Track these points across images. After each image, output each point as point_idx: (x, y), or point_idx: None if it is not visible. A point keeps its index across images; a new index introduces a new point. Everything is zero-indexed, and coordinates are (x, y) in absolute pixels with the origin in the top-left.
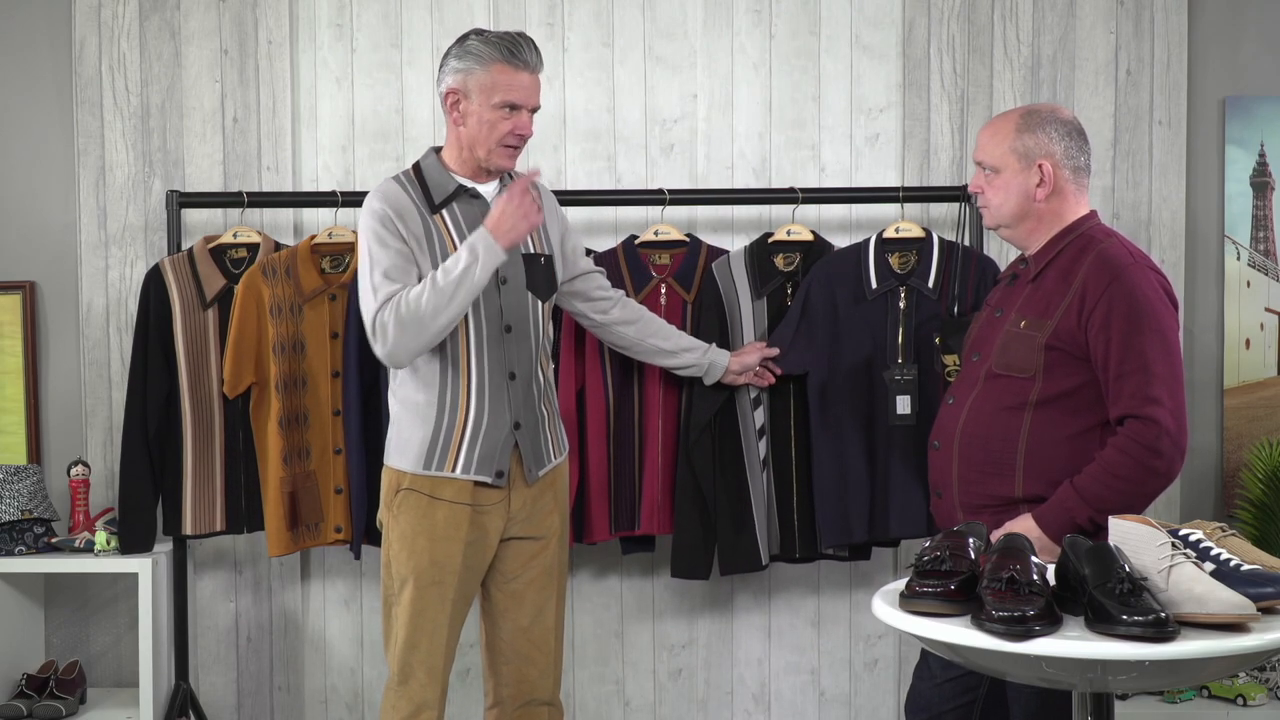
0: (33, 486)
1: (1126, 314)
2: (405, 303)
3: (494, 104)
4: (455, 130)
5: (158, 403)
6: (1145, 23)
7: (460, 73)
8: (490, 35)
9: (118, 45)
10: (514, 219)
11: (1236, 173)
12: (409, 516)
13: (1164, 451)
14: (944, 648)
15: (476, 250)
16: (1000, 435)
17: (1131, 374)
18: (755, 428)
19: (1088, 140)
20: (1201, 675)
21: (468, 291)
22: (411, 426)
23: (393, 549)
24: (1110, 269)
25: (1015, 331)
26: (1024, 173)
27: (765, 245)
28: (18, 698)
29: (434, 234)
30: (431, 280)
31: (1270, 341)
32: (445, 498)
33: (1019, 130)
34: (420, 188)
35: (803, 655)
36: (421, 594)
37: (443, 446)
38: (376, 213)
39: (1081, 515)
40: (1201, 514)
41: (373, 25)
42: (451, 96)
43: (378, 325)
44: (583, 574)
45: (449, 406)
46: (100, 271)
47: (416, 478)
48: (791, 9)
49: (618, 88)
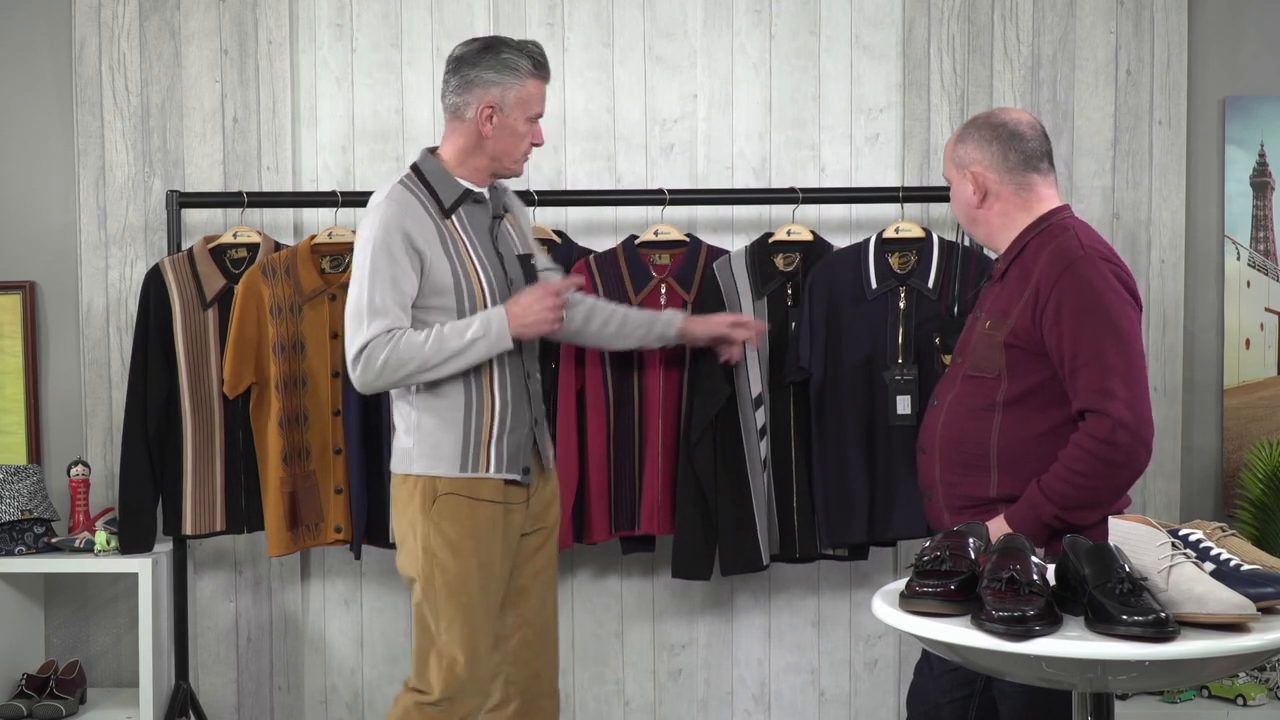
0: (33, 486)
1: (1077, 306)
2: (402, 346)
3: (528, 117)
4: (477, 139)
5: (158, 403)
6: (1145, 23)
7: (499, 86)
8: (520, 47)
9: (118, 45)
10: (537, 317)
11: (1236, 173)
12: (453, 521)
13: (1121, 444)
14: (944, 648)
15: (489, 330)
16: (973, 437)
17: (1085, 367)
18: (757, 428)
19: (1032, 137)
20: (1201, 675)
21: (463, 363)
22: (441, 431)
23: (437, 557)
24: (1061, 262)
25: (982, 332)
26: (962, 182)
27: (765, 245)
28: (18, 698)
29: (448, 239)
30: (436, 335)
31: (1270, 341)
32: (485, 498)
33: (958, 140)
34: (429, 192)
35: (803, 655)
36: (475, 600)
37: (475, 448)
38: (390, 223)
39: (1047, 513)
40: (1201, 514)
41: (373, 25)
42: (489, 110)
43: (367, 354)
44: (583, 574)
45: (476, 408)
46: (100, 271)
47: (455, 481)
48: (791, 9)
49: (618, 88)
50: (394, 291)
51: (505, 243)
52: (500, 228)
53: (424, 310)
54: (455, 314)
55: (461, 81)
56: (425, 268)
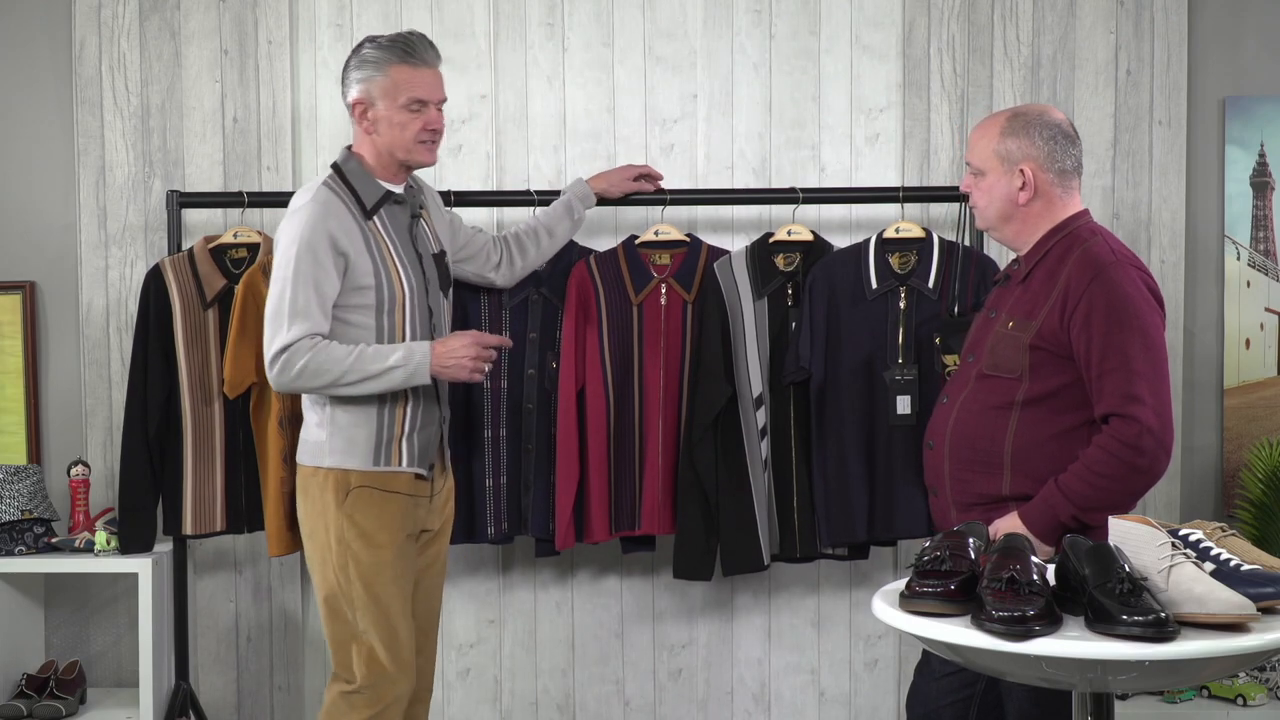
0: (33, 486)
1: (1107, 312)
2: (322, 357)
3: (401, 104)
4: (369, 138)
5: (158, 403)
6: (1145, 23)
7: (362, 82)
8: (383, 39)
9: (118, 45)
10: (457, 364)
11: (1236, 173)
12: (366, 513)
13: (1146, 450)
14: (944, 648)
15: (410, 362)
16: (987, 434)
17: (1113, 372)
18: (758, 428)
19: (1077, 141)
20: (1201, 675)
21: (377, 386)
22: (355, 425)
23: (351, 549)
24: (1092, 267)
25: (1003, 333)
26: (1006, 176)
27: (766, 245)
28: (18, 698)
29: (371, 240)
30: (359, 354)
31: (1270, 341)
32: (398, 490)
33: (1003, 133)
34: (351, 194)
35: (803, 655)
36: (390, 589)
37: (388, 442)
38: (315, 225)
39: (1065, 513)
40: (1201, 514)
41: (372, 25)
42: (359, 107)
43: (286, 356)
44: (583, 574)
45: (390, 404)
46: (100, 271)
47: (368, 474)
48: (791, 9)
49: (618, 88)
50: (316, 294)
51: (423, 242)
52: (418, 227)
53: (345, 309)
54: (375, 313)
55: (341, 89)
56: (348, 268)
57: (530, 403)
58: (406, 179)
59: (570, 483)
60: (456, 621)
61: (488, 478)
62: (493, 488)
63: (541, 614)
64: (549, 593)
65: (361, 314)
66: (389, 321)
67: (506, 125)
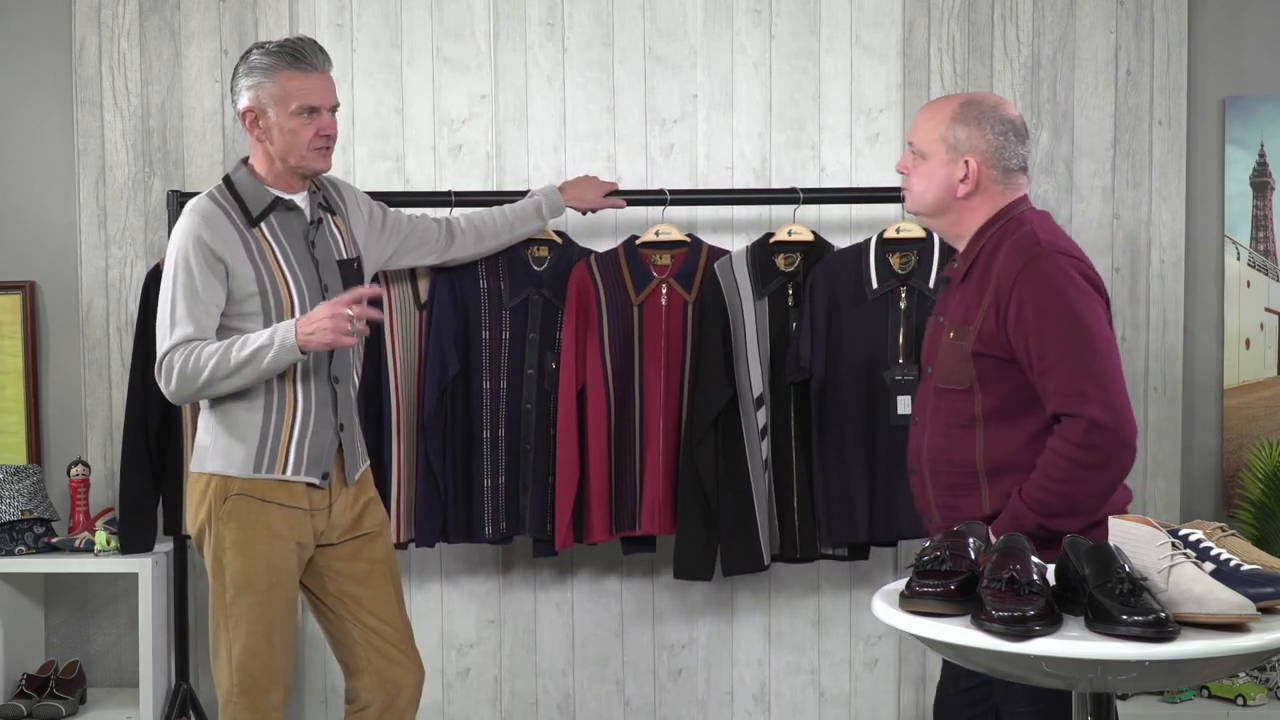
0: (33, 486)
1: (1039, 306)
2: (194, 359)
3: (292, 111)
4: (261, 146)
5: (158, 403)
6: (1145, 23)
7: (251, 89)
8: (271, 45)
9: (118, 45)
10: (322, 329)
11: (1236, 173)
12: (242, 522)
13: (1099, 445)
14: (944, 648)
15: (274, 340)
16: (959, 455)
17: (1054, 369)
18: (759, 428)
19: (1027, 140)
20: (1201, 675)
21: (254, 373)
22: (237, 431)
23: (226, 556)
24: (1018, 259)
25: (948, 343)
26: (949, 165)
27: (766, 245)
28: (18, 698)
29: (254, 247)
30: (225, 347)
31: (1270, 341)
32: (277, 500)
33: (954, 119)
34: (236, 203)
35: (803, 655)
36: (262, 599)
37: (272, 449)
38: (191, 234)
39: (1029, 523)
40: (1201, 514)
41: (373, 25)
42: (249, 115)
43: (164, 366)
44: (583, 574)
45: (275, 410)
46: (100, 271)
47: (247, 482)
48: (791, 9)
49: (618, 88)
50: (194, 302)
51: (324, 248)
52: (319, 233)
53: (235, 318)
54: (262, 321)
55: (232, 97)
56: (229, 275)
57: (529, 403)
58: (306, 186)
59: (570, 483)
60: (456, 621)
61: (486, 478)
62: (491, 488)
63: (542, 614)
64: (549, 593)
65: (252, 321)
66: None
67: (506, 125)
